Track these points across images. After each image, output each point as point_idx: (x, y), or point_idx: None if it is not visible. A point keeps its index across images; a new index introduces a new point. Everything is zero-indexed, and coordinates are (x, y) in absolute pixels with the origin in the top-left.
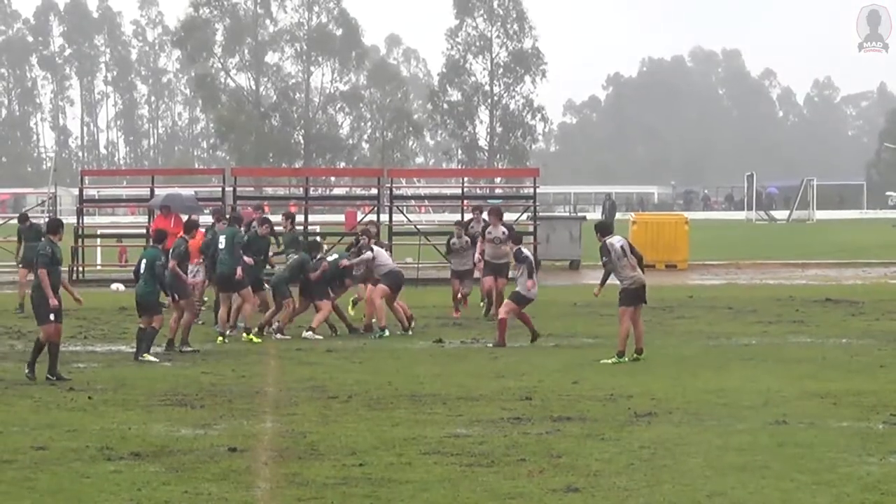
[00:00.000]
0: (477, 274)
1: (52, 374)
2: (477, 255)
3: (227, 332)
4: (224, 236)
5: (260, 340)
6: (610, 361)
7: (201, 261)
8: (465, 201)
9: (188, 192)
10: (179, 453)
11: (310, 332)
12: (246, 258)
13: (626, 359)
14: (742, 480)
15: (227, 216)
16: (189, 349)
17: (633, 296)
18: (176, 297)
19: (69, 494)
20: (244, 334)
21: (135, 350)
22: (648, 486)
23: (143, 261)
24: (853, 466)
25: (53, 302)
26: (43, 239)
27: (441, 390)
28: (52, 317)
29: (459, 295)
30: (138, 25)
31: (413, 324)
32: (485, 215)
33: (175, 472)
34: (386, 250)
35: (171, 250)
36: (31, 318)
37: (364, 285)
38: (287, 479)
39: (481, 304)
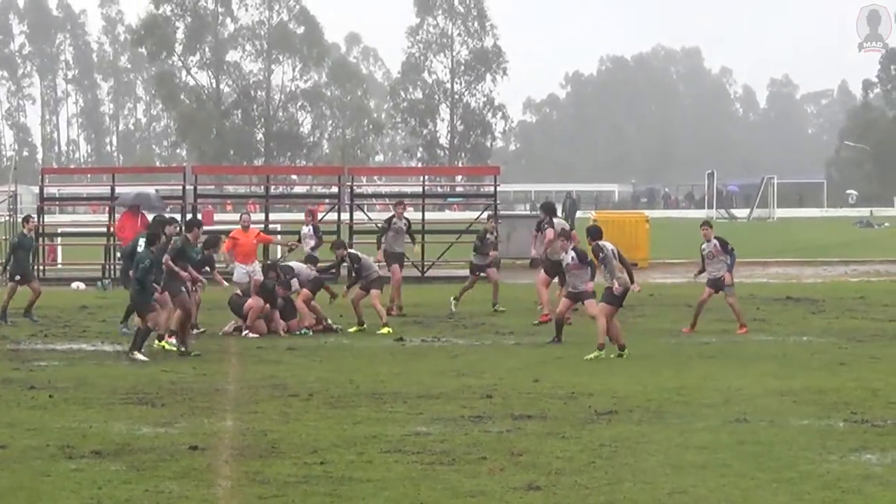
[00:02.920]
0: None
1: None
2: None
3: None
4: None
5: (174, 348)
6: (592, 356)
7: (260, 261)
8: (427, 199)
9: (153, 191)
10: (140, 451)
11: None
12: (183, 273)
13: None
14: (703, 478)
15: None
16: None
17: (617, 298)
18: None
19: (30, 493)
20: (156, 341)
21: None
22: (609, 485)
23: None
24: (813, 464)
25: None
26: None
27: (402, 388)
28: None
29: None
30: (99, 24)
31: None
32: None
33: (136, 470)
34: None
35: (167, 248)
36: None
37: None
38: (248, 478)
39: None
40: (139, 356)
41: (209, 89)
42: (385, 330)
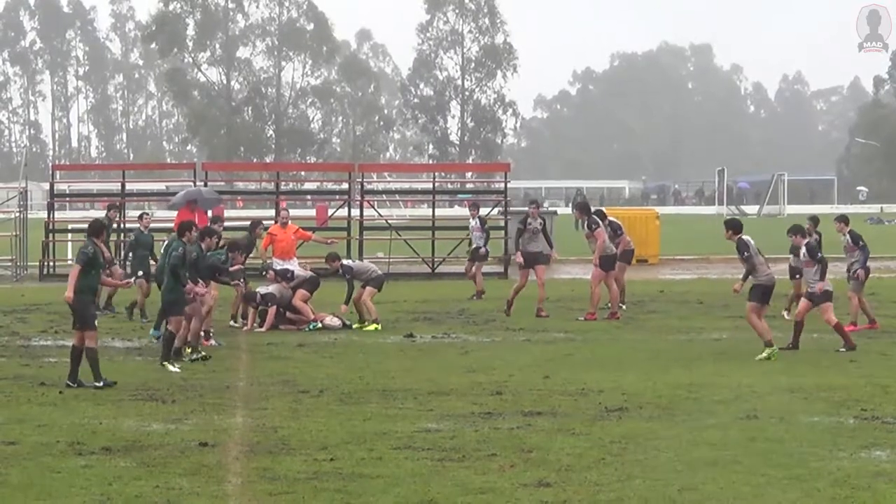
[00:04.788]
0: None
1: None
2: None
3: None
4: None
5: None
6: (764, 355)
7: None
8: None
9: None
10: (150, 448)
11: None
12: (233, 269)
13: (776, 349)
14: (713, 475)
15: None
16: (197, 356)
17: (766, 293)
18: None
19: (40, 489)
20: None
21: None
22: (619, 481)
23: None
24: (824, 461)
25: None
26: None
27: (412, 385)
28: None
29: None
30: (110, 20)
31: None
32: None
33: (146, 466)
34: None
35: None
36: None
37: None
38: (258, 474)
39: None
40: (171, 367)
41: (220, 86)
42: (373, 326)
